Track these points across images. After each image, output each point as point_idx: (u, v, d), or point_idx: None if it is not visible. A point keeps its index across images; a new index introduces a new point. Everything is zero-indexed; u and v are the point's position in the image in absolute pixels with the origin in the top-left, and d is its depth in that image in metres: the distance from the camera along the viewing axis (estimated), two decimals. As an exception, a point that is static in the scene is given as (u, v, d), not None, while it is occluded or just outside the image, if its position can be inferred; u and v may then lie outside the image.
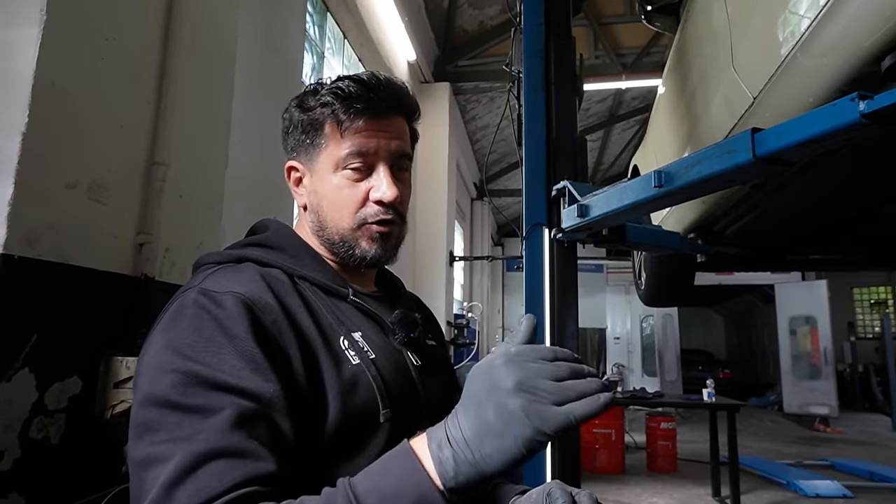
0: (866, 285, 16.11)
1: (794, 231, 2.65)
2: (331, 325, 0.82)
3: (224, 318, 0.71)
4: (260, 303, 0.75)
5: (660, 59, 7.38)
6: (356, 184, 0.87)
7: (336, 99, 0.86)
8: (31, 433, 1.26)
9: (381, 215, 0.87)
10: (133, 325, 1.51)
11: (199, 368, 0.66)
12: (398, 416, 0.80)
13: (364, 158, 0.86)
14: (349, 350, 0.81)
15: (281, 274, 0.84)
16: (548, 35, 2.71)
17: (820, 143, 1.12)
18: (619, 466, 6.76)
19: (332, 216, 0.89)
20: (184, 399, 0.64)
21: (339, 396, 0.75)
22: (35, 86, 1.27)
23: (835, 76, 1.26)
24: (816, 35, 1.24)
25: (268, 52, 3.03)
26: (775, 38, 1.42)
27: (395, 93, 0.89)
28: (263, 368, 0.69)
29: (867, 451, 8.39)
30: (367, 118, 0.86)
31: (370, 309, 0.89)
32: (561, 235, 2.46)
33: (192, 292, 0.75)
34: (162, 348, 0.69)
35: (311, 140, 0.90)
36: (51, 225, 1.31)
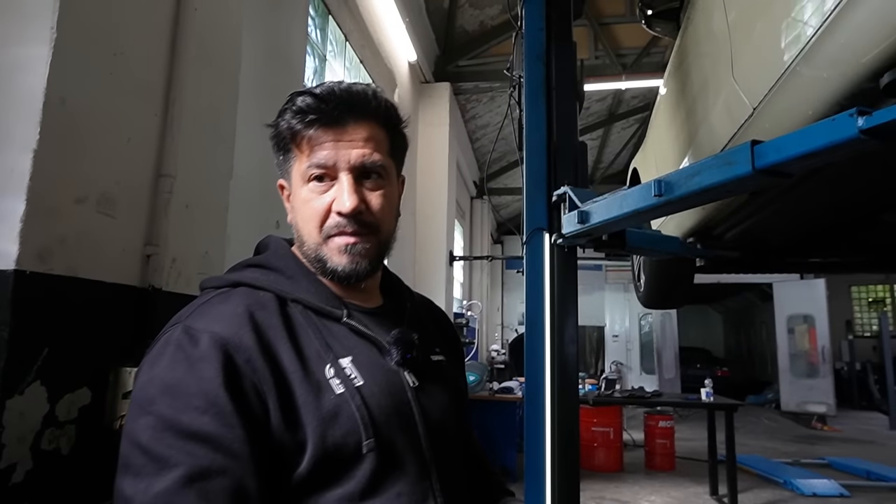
0: (864, 284, 16.13)
1: (794, 235, 2.67)
2: (318, 352, 0.83)
3: (196, 358, 0.74)
4: (235, 342, 0.76)
5: (660, 59, 7.38)
6: (321, 196, 0.87)
7: (293, 115, 0.87)
8: (43, 445, 1.28)
9: (341, 227, 0.87)
10: (141, 335, 1.53)
11: (167, 413, 0.71)
12: (386, 443, 0.81)
13: (326, 170, 0.87)
14: (334, 379, 0.81)
15: (271, 300, 0.85)
16: (549, 40, 2.71)
17: (819, 157, 1.13)
18: (617, 464, 6.79)
19: (304, 230, 0.90)
20: (151, 444, 0.69)
21: (319, 429, 0.76)
22: (46, 103, 1.28)
23: (834, 90, 1.26)
24: (817, 48, 1.24)
25: (270, 57, 3.04)
26: (775, 50, 1.42)
27: (351, 100, 0.88)
28: (227, 412, 0.72)
29: (864, 450, 8.43)
30: (322, 128, 0.86)
31: (364, 330, 0.89)
32: (561, 241, 2.48)
33: (177, 328, 0.79)
34: (145, 383, 0.75)
35: (283, 156, 0.92)
36: (61, 240, 1.33)
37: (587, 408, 6.23)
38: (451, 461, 0.91)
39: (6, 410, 1.19)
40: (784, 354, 11.57)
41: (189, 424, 0.71)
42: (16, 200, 1.24)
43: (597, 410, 6.56)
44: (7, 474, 1.19)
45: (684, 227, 2.76)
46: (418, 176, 7.15)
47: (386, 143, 0.93)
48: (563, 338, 2.56)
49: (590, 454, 6.63)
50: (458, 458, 0.97)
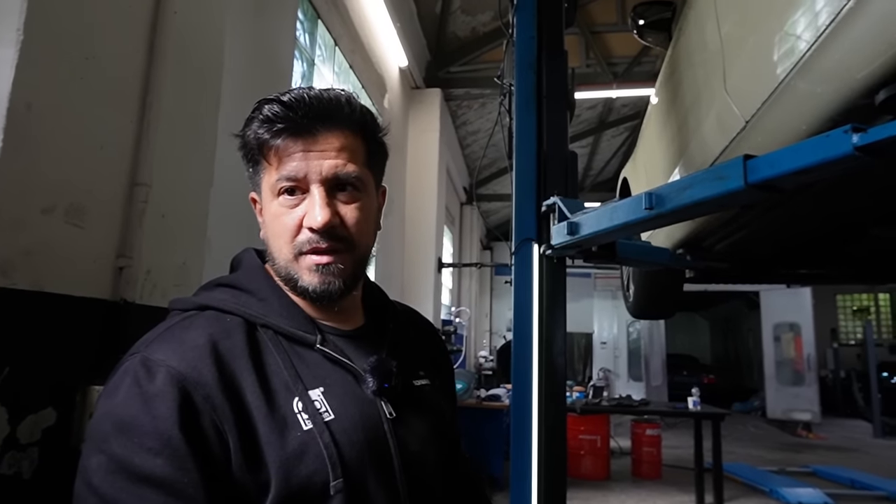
0: (849, 293, 16.29)
1: (783, 247, 2.66)
2: (286, 384, 0.77)
3: (151, 395, 0.70)
4: (193, 378, 0.72)
5: (651, 68, 7.39)
6: (291, 210, 0.82)
7: (261, 125, 0.82)
8: (3, 469, 1.21)
9: (313, 243, 0.81)
10: (111, 351, 1.46)
11: (119, 453, 0.68)
12: (356, 482, 0.76)
13: (296, 182, 0.81)
14: (302, 413, 0.76)
15: (239, 326, 0.80)
16: (540, 48, 2.69)
17: (812, 173, 1.11)
18: (604, 472, 6.79)
19: (275, 246, 0.84)
20: (101, 486, 0.67)
21: (282, 469, 0.72)
22: (10, 108, 1.22)
23: (828, 106, 1.24)
24: (811, 63, 1.22)
25: (256, 61, 2.98)
26: (769, 63, 1.40)
27: (324, 107, 0.82)
28: (182, 454, 0.68)
29: (849, 458, 8.49)
30: (290, 138, 0.81)
31: (338, 357, 0.83)
32: (550, 252, 2.45)
33: (136, 359, 0.75)
34: (100, 417, 0.72)
35: (253, 168, 0.87)
36: (26, 252, 1.27)
37: (574, 416, 6.21)
38: (428, 495, 0.87)
39: (-38, 434, 1.12)
40: (770, 362, 11.66)
41: (141, 467, 0.67)
42: (-24, 211, 1.18)
43: (584, 418, 6.55)
44: (-38, 501, 1.13)
45: (674, 238, 2.74)
46: (408, 182, 7.10)
47: (362, 152, 0.86)
48: (552, 349, 2.53)
49: (577, 462, 6.61)
50: (437, 491, 0.91)
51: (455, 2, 6.79)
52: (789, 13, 1.25)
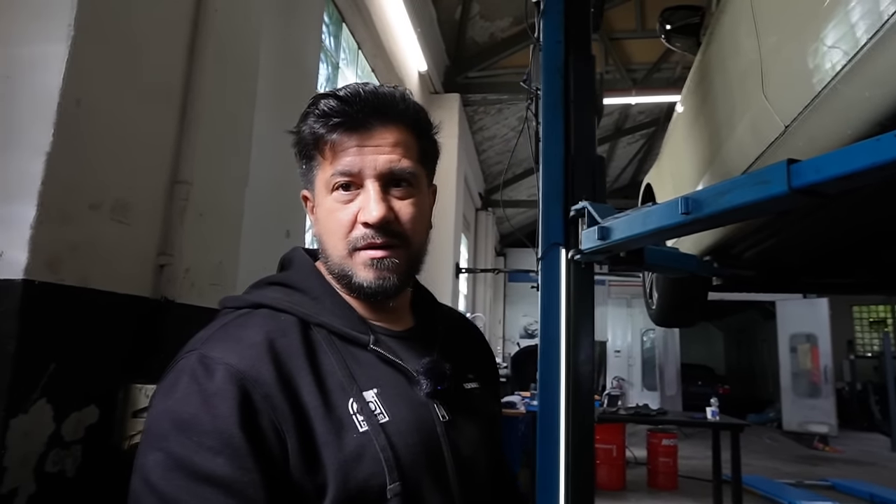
0: (866, 304, 16.11)
1: (813, 255, 2.63)
2: (341, 385, 0.76)
3: (211, 393, 0.69)
4: (252, 376, 0.71)
5: (670, 75, 7.38)
6: (346, 206, 0.81)
7: (316, 120, 0.81)
8: (48, 467, 1.20)
9: (368, 239, 0.80)
10: (153, 350, 1.45)
11: (178, 451, 0.67)
12: (412, 486, 0.75)
13: (351, 177, 0.81)
14: (358, 415, 0.75)
15: (294, 324, 0.79)
16: (567, 53, 2.68)
17: (859, 178, 1.09)
18: (619, 482, 6.72)
19: (329, 242, 0.84)
20: (160, 484, 0.66)
21: (340, 472, 0.70)
22: (61, 104, 1.22)
23: (877, 110, 1.21)
24: (860, 67, 1.20)
25: (283, 63, 2.98)
26: (814, 68, 1.37)
27: (379, 102, 0.82)
28: (242, 454, 0.67)
29: (867, 472, 8.37)
30: (346, 132, 0.80)
31: (392, 358, 0.82)
32: (579, 257, 2.43)
33: (193, 356, 0.74)
34: (158, 415, 0.71)
35: (306, 164, 0.86)
36: (73, 248, 1.26)
37: (591, 425, 6.15)
38: (479, 500, 0.86)
39: (9, 430, 1.11)
40: (786, 373, 11.54)
41: (202, 466, 0.66)
42: (26, 205, 1.17)
43: (599, 427, 6.48)
44: (8, 499, 1.11)
45: (702, 245, 2.72)
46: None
47: (415, 148, 0.86)
48: (578, 356, 2.51)
49: (592, 472, 6.54)
50: (487, 496, 0.90)
51: (474, 7, 6.82)
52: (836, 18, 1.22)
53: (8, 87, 1.24)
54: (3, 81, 1.24)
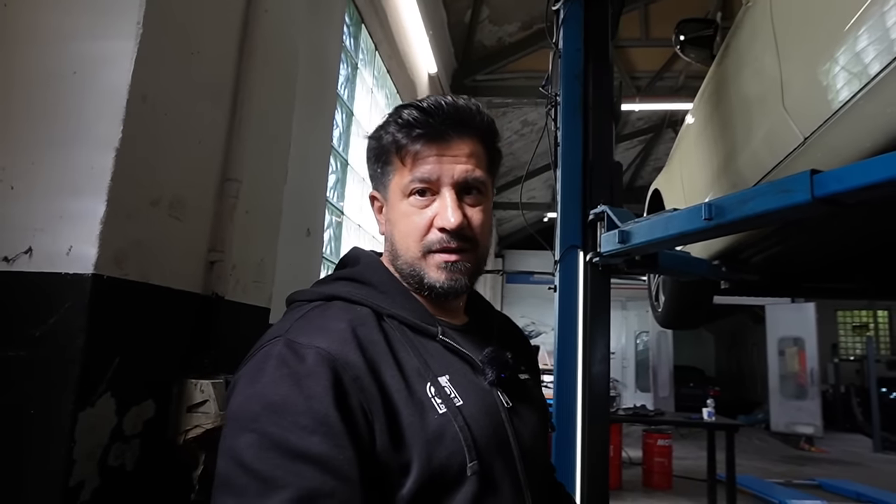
0: (850, 309, 16.37)
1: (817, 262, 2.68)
2: (417, 370, 0.80)
3: (303, 375, 0.71)
4: (342, 358, 0.73)
5: (673, 83, 7.47)
6: (422, 210, 0.86)
7: (397, 128, 0.86)
8: (110, 461, 1.21)
9: (444, 243, 0.85)
10: (204, 346, 1.46)
11: (273, 431, 0.67)
12: (486, 465, 0.78)
13: (429, 184, 0.85)
14: (436, 398, 0.78)
15: (369, 315, 0.82)
16: (587, 60, 2.72)
17: (881, 190, 1.13)
18: (615, 482, 6.78)
19: (402, 244, 0.87)
20: (256, 463, 0.66)
21: (425, 450, 0.73)
22: (129, 100, 1.23)
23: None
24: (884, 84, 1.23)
25: (309, 63, 2.98)
26: (836, 84, 1.41)
27: (458, 115, 0.87)
28: (337, 432, 0.68)
29: (851, 471, 8.52)
30: (427, 143, 0.85)
31: (459, 348, 0.86)
32: (598, 259, 2.46)
33: (279, 342, 0.75)
34: (245, 400, 0.72)
35: (381, 169, 0.90)
36: (137, 243, 1.27)
37: (587, 425, 6.19)
38: (540, 484, 0.89)
39: (78, 423, 1.12)
40: (774, 376, 11.68)
41: (297, 444, 0.67)
42: (95, 201, 1.18)
43: (595, 428, 6.53)
44: (76, 492, 1.12)
45: (712, 249, 2.76)
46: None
47: (485, 158, 0.91)
48: (595, 356, 2.55)
49: (588, 471, 6.59)
50: (546, 482, 0.95)
51: (483, 12, 6.87)
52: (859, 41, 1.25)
53: (76, 82, 1.24)
54: (70, 77, 1.24)
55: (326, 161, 3.39)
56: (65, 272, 1.17)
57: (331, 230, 3.96)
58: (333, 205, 4.03)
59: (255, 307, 1.71)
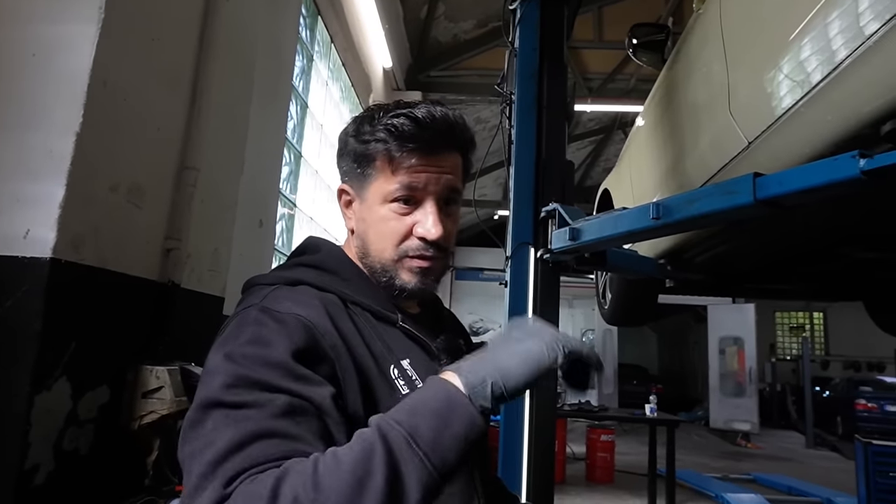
0: (787, 310, 17.02)
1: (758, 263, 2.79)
2: (382, 352, 0.82)
3: (283, 333, 0.71)
4: (321, 327, 0.75)
5: (625, 86, 7.64)
6: (402, 217, 0.86)
7: (389, 136, 0.85)
8: (65, 444, 1.20)
9: (422, 251, 0.86)
10: (160, 332, 1.46)
11: (248, 372, 0.67)
12: None
13: (413, 193, 0.86)
14: (399, 379, 0.81)
15: (336, 299, 0.84)
16: (542, 60, 2.75)
17: (818, 193, 1.21)
18: (559, 476, 6.88)
19: (376, 245, 0.89)
20: (231, 397, 0.65)
21: None
22: (91, 84, 1.22)
23: (835, 132, 1.30)
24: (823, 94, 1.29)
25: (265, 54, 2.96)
26: (780, 92, 1.47)
27: (449, 129, 0.88)
28: (314, 381, 0.69)
29: (785, 466, 8.85)
30: (419, 156, 0.85)
31: (417, 335, 0.89)
32: (548, 256, 2.51)
33: (253, 309, 0.76)
34: (219, 360, 0.70)
35: (361, 170, 0.89)
36: (95, 229, 1.27)
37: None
38: (485, 463, 0.93)
39: (34, 407, 1.12)
40: (714, 374, 12.01)
41: (276, 382, 0.66)
42: (55, 185, 1.17)
43: (542, 423, 6.60)
44: (30, 476, 1.12)
45: (658, 248, 2.84)
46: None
47: (462, 170, 0.92)
48: (544, 352, 2.60)
49: (534, 465, 6.68)
50: (489, 461, 0.99)
51: (440, 8, 6.87)
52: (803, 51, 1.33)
53: (35, 64, 1.23)
54: (30, 59, 1.22)
55: (280, 153, 3.39)
56: (21, 255, 1.16)
57: (283, 222, 3.93)
58: (286, 197, 4.00)
59: (209, 296, 1.71)
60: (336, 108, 5.40)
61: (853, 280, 2.85)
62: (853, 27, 1.14)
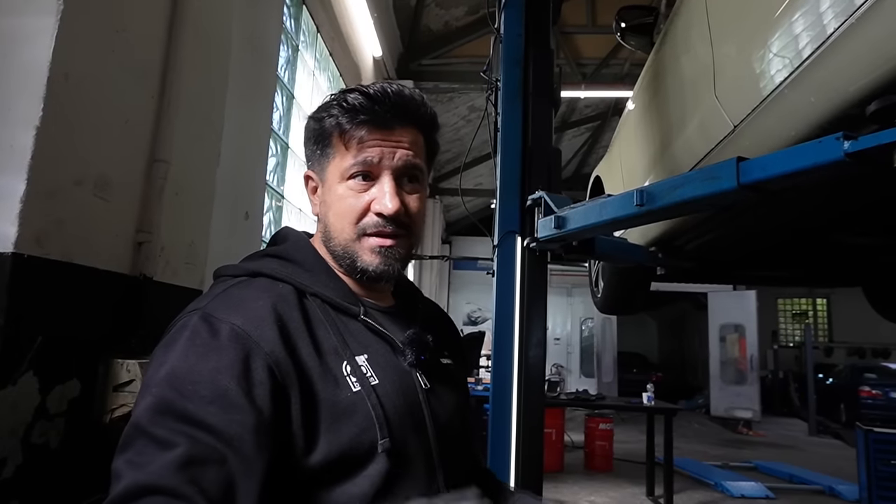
0: (790, 297, 17.01)
1: (748, 249, 2.78)
2: (335, 348, 0.82)
3: (213, 348, 0.72)
4: (255, 335, 0.74)
5: (618, 71, 7.58)
6: (360, 194, 0.87)
7: (341, 112, 0.86)
8: (33, 438, 1.21)
9: (379, 227, 0.86)
10: (132, 326, 1.46)
11: (172, 397, 0.68)
12: (398, 443, 0.80)
13: (369, 168, 0.86)
14: (351, 376, 0.80)
15: (291, 292, 0.84)
16: (527, 45, 2.73)
17: (802, 177, 1.19)
18: (558, 465, 6.92)
19: (337, 226, 0.89)
20: (150, 426, 0.66)
21: (334, 426, 0.76)
22: (50, 78, 1.21)
23: (820, 114, 1.29)
24: (807, 74, 1.28)
25: (247, 45, 2.94)
26: (764, 73, 1.45)
27: (402, 104, 0.88)
28: (237, 405, 0.69)
29: (786, 454, 8.86)
30: (370, 129, 0.86)
31: (380, 328, 0.88)
32: (534, 245, 2.50)
33: (195, 315, 0.76)
34: (156, 367, 0.71)
35: (321, 151, 0.90)
36: (59, 223, 1.26)
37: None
38: (456, 464, 0.92)
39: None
40: (715, 361, 12.03)
41: (194, 412, 0.67)
42: (16, 179, 1.17)
43: (541, 412, 6.63)
44: (-4, 469, 1.12)
45: (648, 236, 2.83)
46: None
47: (424, 149, 0.93)
48: (531, 339, 2.60)
49: (533, 454, 6.70)
50: (463, 461, 0.97)
51: (430, -5, 6.84)
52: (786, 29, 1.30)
53: (-5, 59, 1.22)
54: (-12, 53, 1.22)
55: (266, 144, 3.37)
56: (-17, 250, 1.15)
57: (270, 214, 3.93)
58: (273, 188, 4.00)
59: (186, 289, 1.70)
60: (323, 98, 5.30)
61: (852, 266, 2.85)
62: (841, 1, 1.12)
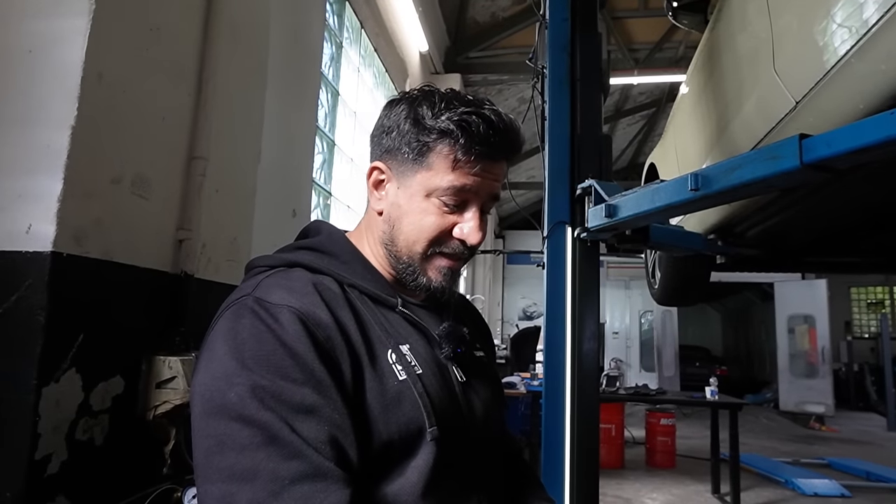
0: (864, 285, 16.18)
1: (817, 234, 2.63)
2: (379, 337, 0.80)
3: (282, 334, 0.70)
4: (314, 318, 0.74)
5: (672, 55, 7.32)
6: (445, 215, 0.85)
7: (462, 133, 0.81)
8: (78, 434, 1.23)
9: (457, 252, 0.86)
10: (173, 323, 1.48)
11: (266, 383, 0.67)
12: (445, 433, 0.78)
13: (464, 196, 0.84)
14: (396, 364, 0.79)
15: (332, 282, 0.82)
16: (574, 30, 2.65)
17: (874, 152, 1.09)
18: (618, 462, 6.79)
19: (408, 236, 0.86)
20: (256, 413, 0.65)
21: (383, 414, 0.74)
22: (84, 78, 1.23)
23: (892, 83, 1.21)
24: (875, 41, 1.19)
25: (290, 43, 2.97)
26: (828, 43, 1.36)
27: (513, 139, 0.86)
28: (325, 385, 0.69)
29: (863, 451, 8.45)
30: (484, 160, 0.83)
31: (418, 320, 0.87)
32: (585, 235, 2.43)
33: (247, 300, 0.75)
34: (224, 356, 0.69)
35: (412, 157, 0.85)
36: (97, 221, 1.28)
37: (590, 404, 6.19)
38: (491, 457, 0.91)
39: (42, 399, 1.14)
40: (784, 354, 11.58)
41: (291, 395, 0.67)
42: (52, 179, 1.19)
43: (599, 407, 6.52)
44: (42, 465, 1.15)
45: (707, 223, 2.71)
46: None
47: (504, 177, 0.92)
48: (584, 333, 2.52)
49: (592, 451, 6.61)
50: (497, 455, 0.95)
51: (476, -13, 6.77)
52: None
53: (31, 61, 1.25)
54: (26, 55, 1.24)
55: (312, 141, 3.38)
56: (24, 250, 1.18)
57: (318, 211, 3.95)
58: (321, 186, 4.02)
59: (228, 285, 1.71)
60: (370, 94, 5.37)
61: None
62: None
